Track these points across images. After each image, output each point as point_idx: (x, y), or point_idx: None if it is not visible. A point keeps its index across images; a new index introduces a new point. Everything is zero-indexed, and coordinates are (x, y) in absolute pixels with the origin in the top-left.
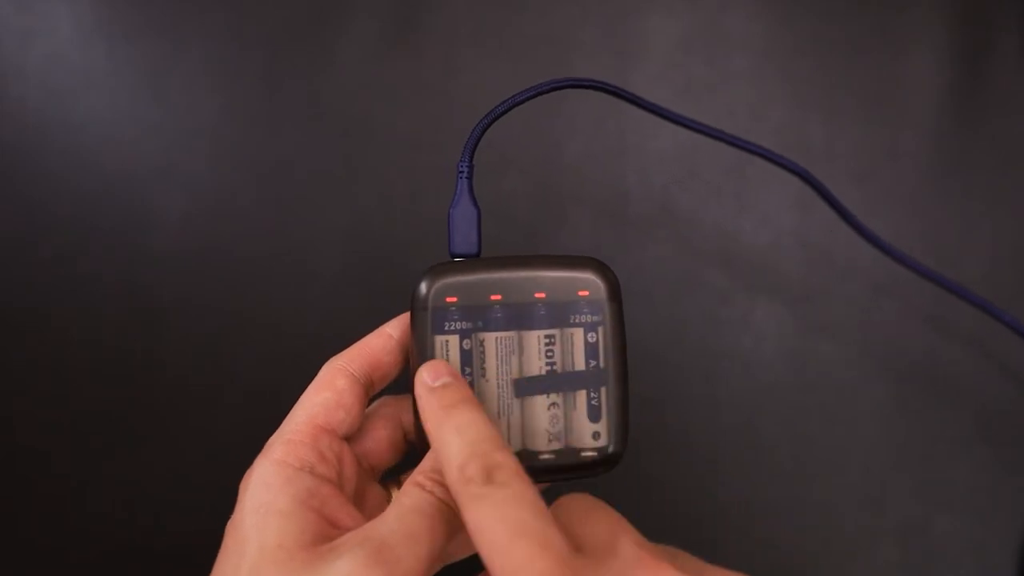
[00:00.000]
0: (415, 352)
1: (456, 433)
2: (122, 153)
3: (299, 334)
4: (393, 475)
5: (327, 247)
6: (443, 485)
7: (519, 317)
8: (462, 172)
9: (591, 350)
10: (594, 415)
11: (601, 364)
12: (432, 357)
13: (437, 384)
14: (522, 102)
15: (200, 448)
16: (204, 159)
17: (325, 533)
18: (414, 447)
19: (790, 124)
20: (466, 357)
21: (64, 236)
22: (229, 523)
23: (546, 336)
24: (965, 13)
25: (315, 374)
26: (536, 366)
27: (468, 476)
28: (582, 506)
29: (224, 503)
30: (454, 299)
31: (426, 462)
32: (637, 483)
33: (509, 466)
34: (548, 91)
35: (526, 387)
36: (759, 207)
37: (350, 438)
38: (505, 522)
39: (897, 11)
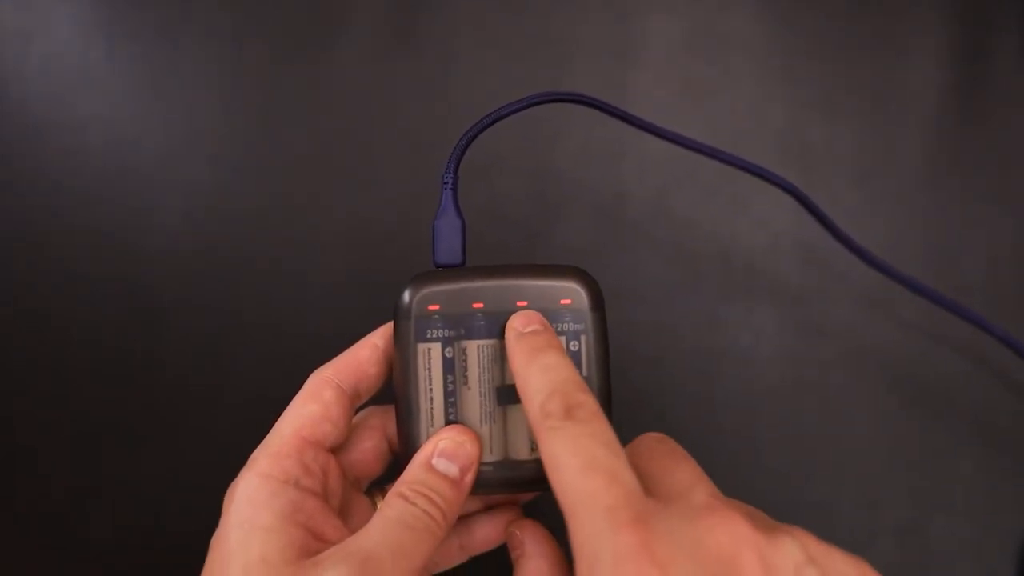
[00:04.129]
0: (398, 360)
1: (542, 372)
2: (122, 153)
3: (299, 334)
4: (378, 485)
5: (327, 247)
6: (426, 496)
7: (501, 325)
8: (446, 183)
9: (573, 359)
10: None
11: (584, 373)
12: (415, 365)
13: (527, 330)
14: (506, 115)
15: (200, 448)
16: (204, 159)
17: (310, 547)
18: (398, 458)
19: (790, 124)
20: (448, 365)
21: (64, 236)
22: (214, 538)
23: None
24: (965, 13)
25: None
26: None
27: (549, 410)
28: (662, 449)
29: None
30: (436, 307)
31: (408, 473)
32: None
33: (589, 406)
34: (533, 105)
35: (508, 395)
36: (756, 208)
37: (336, 449)
38: (578, 455)
39: (897, 11)
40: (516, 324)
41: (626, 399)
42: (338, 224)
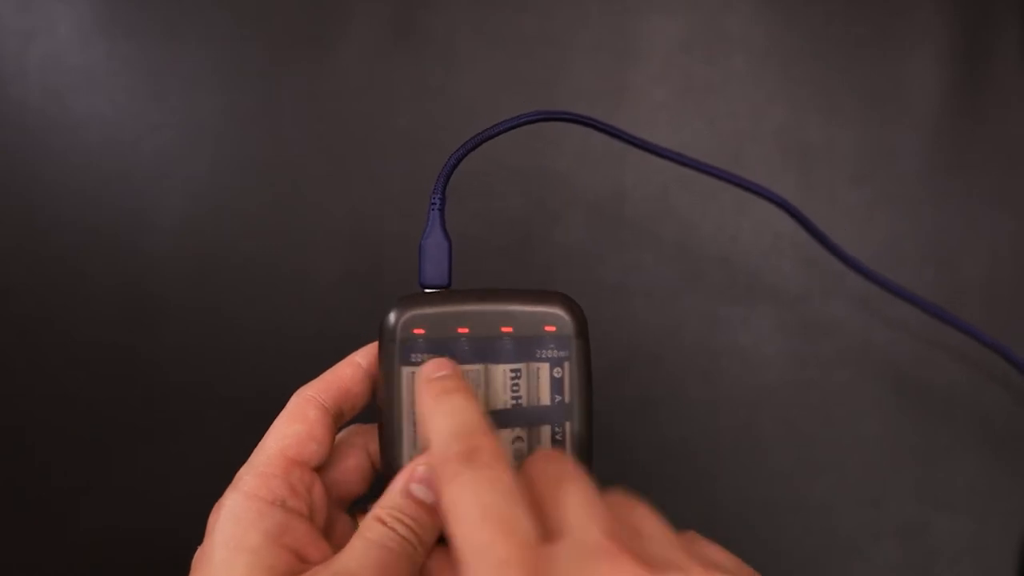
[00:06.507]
0: (382, 383)
1: (445, 416)
2: (122, 153)
3: (299, 336)
4: (361, 505)
5: (327, 247)
6: (403, 523)
7: (486, 351)
8: (434, 204)
9: (556, 385)
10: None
11: (566, 399)
12: (399, 388)
13: (436, 376)
14: (495, 135)
15: (199, 448)
16: (204, 159)
17: (294, 568)
18: (381, 476)
19: (790, 124)
20: None
21: (64, 236)
22: (196, 555)
23: (512, 370)
24: (965, 13)
25: (315, 375)
26: (502, 400)
27: (448, 455)
28: (551, 474)
29: None
30: (421, 331)
31: (385, 498)
32: (635, 483)
33: (490, 450)
34: (522, 124)
35: (491, 421)
36: (757, 208)
37: (319, 468)
38: (476, 503)
39: (897, 11)
40: (426, 370)
41: (626, 399)
42: (338, 224)
